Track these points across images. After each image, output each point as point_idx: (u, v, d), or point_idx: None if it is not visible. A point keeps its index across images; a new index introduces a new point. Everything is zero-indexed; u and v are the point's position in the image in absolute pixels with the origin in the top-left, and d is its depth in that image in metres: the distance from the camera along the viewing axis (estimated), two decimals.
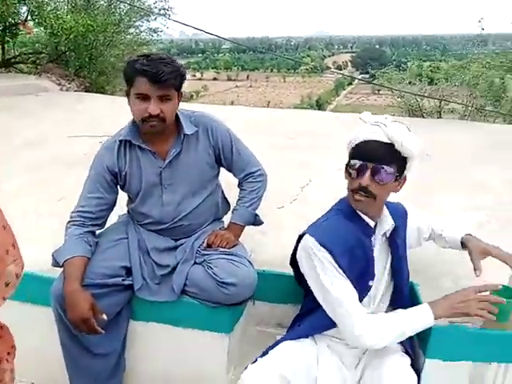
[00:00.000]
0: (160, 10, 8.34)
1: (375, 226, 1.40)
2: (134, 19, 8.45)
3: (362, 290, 1.37)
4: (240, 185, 1.83)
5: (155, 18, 8.38)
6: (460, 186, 2.81)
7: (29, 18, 7.12)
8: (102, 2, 8.17)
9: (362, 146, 1.29)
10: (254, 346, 1.77)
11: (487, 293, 1.37)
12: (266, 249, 2.07)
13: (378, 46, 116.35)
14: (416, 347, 1.60)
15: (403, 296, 1.47)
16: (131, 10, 8.16)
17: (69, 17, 6.92)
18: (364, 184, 1.26)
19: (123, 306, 1.67)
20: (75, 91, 6.77)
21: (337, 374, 1.41)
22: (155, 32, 8.93)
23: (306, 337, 1.44)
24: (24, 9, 7.07)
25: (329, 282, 1.30)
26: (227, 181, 1.94)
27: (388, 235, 1.42)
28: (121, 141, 1.62)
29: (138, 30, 9.00)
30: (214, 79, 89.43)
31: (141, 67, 1.47)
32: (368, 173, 1.26)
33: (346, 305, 1.29)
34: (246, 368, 1.33)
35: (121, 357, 1.71)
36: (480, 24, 6.97)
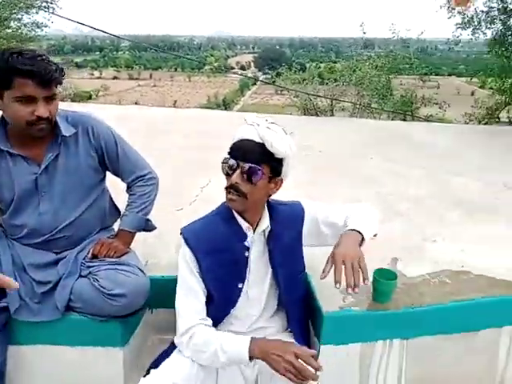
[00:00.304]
0: (42, 2, 7.63)
1: (254, 227, 1.38)
2: (14, 12, 7.64)
3: (232, 292, 1.38)
4: (129, 189, 1.73)
5: (37, 12, 7.65)
6: (347, 179, 3.02)
7: None
8: None
9: (236, 144, 1.28)
10: (155, 356, 1.71)
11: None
12: (165, 253, 2.01)
13: (278, 47, 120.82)
14: (312, 337, 1.68)
15: (293, 295, 1.47)
16: (8, 1, 7.35)
17: None
18: (233, 182, 1.26)
19: None
20: None
21: (237, 372, 1.41)
22: (38, 27, 8.15)
23: None
24: None
25: (182, 278, 1.34)
26: (116, 185, 1.83)
27: (266, 237, 1.40)
28: None
29: (20, 24, 8.16)
30: (115, 78, 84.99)
31: (23, 67, 1.31)
32: (238, 171, 1.26)
33: (182, 306, 1.33)
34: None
35: None
36: (362, 28, 7.61)
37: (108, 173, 1.70)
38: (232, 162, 1.27)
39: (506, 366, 1.83)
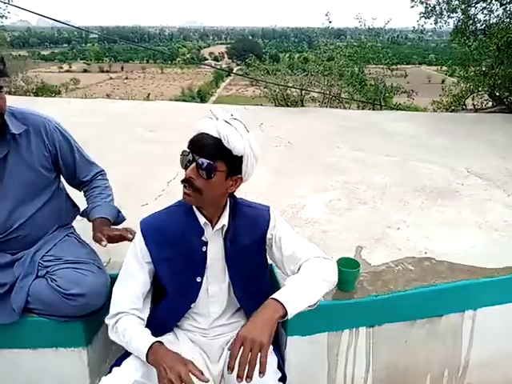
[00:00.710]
0: None
1: (213, 224, 1.36)
2: None
3: (190, 285, 1.37)
4: (90, 184, 1.69)
5: None
6: (315, 169, 3.04)
7: None
8: None
9: (195, 137, 1.24)
10: None
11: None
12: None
13: (251, 38, 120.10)
14: (279, 328, 1.68)
15: (251, 293, 1.42)
16: None
17: None
18: (187, 176, 1.23)
19: None
20: None
21: (203, 367, 1.40)
22: None
23: (163, 333, 1.40)
24: None
25: (126, 265, 1.36)
26: None
27: (223, 234, 1.37)
28: None
29: None
30: (85, 71, 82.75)
31: None
32: (194, 165, 1.22)
33: (118, 291, 1.34)
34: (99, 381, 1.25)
35: None
36: (327, 17, 7.62)
37: None
38: (188, 155, 1.23)
39: (469, 349, 1.89)
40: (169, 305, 1.39)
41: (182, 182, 1.26)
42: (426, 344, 1.83)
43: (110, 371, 1.29)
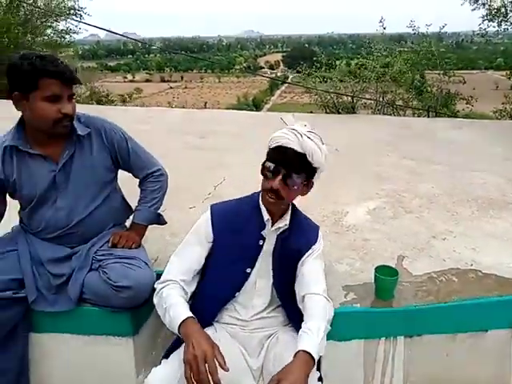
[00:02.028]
0: (70, 10, 7.90)
1: (274, 221, 1.45)
2: (43, 20, 7.97)
3: (238, 274, 1.45)
4: (141, 185, 1.84)
5: (65, 19, 7.94)
6: (361, 177, 3.01)
7: None
8: (2, 1, 7.58)
9: (277, 150, 1.35)
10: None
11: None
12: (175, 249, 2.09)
13: (306, 45, 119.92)
14: None
15: (290, 294, 1.49)
16: (36, 10, 7.66)
17: None
18: (275, 187, 1.34)
19: (18, 321, 1.61)
20: None
21: (241, 361, 1.47)
22: (67, 33, 8.45)
23: (204, 326, 1.48)
24: None
25: (186, 241, 1.49)
26: (128, 183, 1.93)
27: (279, 234, 1.46)
28: (5, 147, 1.56)
29: (51, 31, 8.50)
30: (147, 81, 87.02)
31: (50, 68, 1.42)
32: (280, 177, 1.33)
33: (173, 261, 1.46)
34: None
35: (21, 375, 1.64)
36: (381, 24, 7.44)
37: (120, 173, 1.80)
38: (273, 167, 1.34)
39: None
40: (214, 290, 1.47)
41: (265, 190, 1.37)
42: (469, 360, 1.77)
43: (160, 363, 1.39)
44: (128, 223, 1.89)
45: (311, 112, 6.26)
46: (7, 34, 6.79)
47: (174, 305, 1.33)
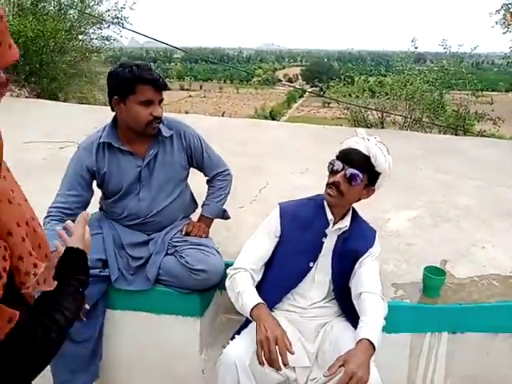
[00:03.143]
0: (113, 18, 8.34)
1: (335, 222, 1.62)
2: (87, 26, 8.40)
3: (301, 266, 1.62)
4: (209, 182, 2.03)
5: (108, 26, 8.36)
6: (397, 188, 3.15)
7: None
8: (51, 8, 8.05)
9: (345, 150, 1.54)
10: (222, 332, 1.97)
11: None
12: (230, 243, 2.27)
13: (326, 60, 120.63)
14: None
15: (344, 289, 1.63)
16: (82, 16, 8.10)
17: (16, 21, 6.76)
18: (336, 180, 1.51)
19: (100, 297, 1.79)
20: (26, 97, 6.63)
21: (299, 345, 1.62)
22: (107, 40, 8.89)
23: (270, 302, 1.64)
24: None
25: (258, 230, 1.66)
26: (196, 183, 2.12)
27: (339, 234, 1.61)
28: (99, 143, 1.76)
29: (89, 37, 8.92)
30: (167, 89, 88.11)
31: (145, 76, 1.62)
32: (342, 173, 1.50)
33: (245, 250, 1.63)
34: (223, 346, 1.53)
35: (97, 345, 1.82)
36: (413, 43, 7.63)
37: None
38: (339, 164, 1.52)
39: None
40: (278, 279, 1.63)
41: (329, 184, 1.54)
42: (509, 360, 1.88)
43: (232, 338, 1.57)
44: (193, 216, 2.08)
45: (340, 125, 6.43)
46: (54, 40, 7.21)
47: (246, 290, 1.51)
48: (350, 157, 1.51)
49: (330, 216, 1.60)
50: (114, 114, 1.77)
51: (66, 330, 0.79)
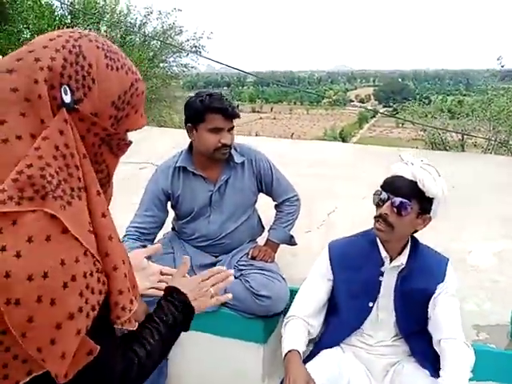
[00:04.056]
0: (192, 47, 8.90)
1: (392, 259, 1.49)
2: (168, 55, 9.05)
3: (362, 308, 1.51)
4: (278, 207, 2.03)
5: (187, 55, 8.93)
6: (483, 217, 2.90)
7: None
8: (137, 39, 8.79)
9: (389, 179, 1.42)
10: None
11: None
12: (296, 269, 2.22)
13: (400, 80, 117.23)
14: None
15: (413, 331, 1.50)
16: (164, 46, 8.72)
17: None
18: (383, 212, 1.38)
19: None
20: None
21: (366, 382, 1.52)
22: (186, 67, 9.49)
23: (333, 345, 1.57)
24: None
25: (311, 273, 1.60)
26: (263, 208, 2.12)
27: (398, 273, 1.48)
28: (175, 167, 1.84)
29: (169, 65, 9.59)
30: (239, 111, 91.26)
31: (214, 105, 1.69)
32: (389, 203, 1.37)
33: (298, 299, 1.58)
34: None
35: (163, 364, 1.86)
36: (499, 62, 7.12)
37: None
38: (383, 194, 1.41)
39: None
40: (340, 323, 1.56)
41: (376, 217, 1.43)
42: None
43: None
44: (259, 239, 2.08)
45: (416, 147, 6.13)
46: (138, 68, 7.78)
47: (286, 338, 1.48)
48: (394, 185, 1.38)
49: (383, 253, 1.47)
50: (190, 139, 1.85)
51: (150, 367, 0.81)
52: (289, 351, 1.42)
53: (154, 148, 4.58)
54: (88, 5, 8.37)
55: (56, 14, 8.75)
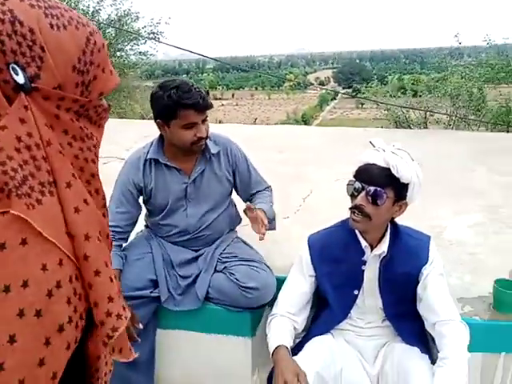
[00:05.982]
0: (149, 34, 8.58)
1: (373, 247, 1.47)
2: (124, 43, 8.69)
3: (347, 297, 1.51)
4: (252, 197, 1.93)
5: (145, 42, 8.61)
6: (452, 192, 2.96)
7: None
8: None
9: (362, 168, 1.37)
10: None
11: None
12: (278, 256, 2.18)
13: (358, 61, 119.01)
14: (430, 342, 1.71)
15: (400, 315, 1.51)
16: (120, 33, 8.36)
17: None
18: (358, 203, 1.34)
19: (150, 318, 1.75)
20: None
21: (359, 366, 1.52)
22: (144, 55, 9.16)
23: (324, 333, 1.55)
24: None
25: (291, 275, 1.58)
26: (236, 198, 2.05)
27: (380, 261, 1.47)
28: (146, 159, 1.73)
29: (126, 53, 9.22)
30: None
31: (185, 101, 1.56)
32: (363, 193, 1.33)
33: (281, 296, 1.57)
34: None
35: (150, 365, 1.78)
36: (457, 38, 7.31)
37: None
38: (357, 184, 1.36)
39: None
40: (329, 313, 1.55)
41: (351, 208, 1.38)
42: None
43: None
44: (238, 228, 2.02)
45: (381, 127, 6.22)
46: None
47: (272, 335, 1.46)
48: (368, 173, 1.34)
49: (363, 243, 1.45)
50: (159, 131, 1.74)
51: None
52: (276, 348, 1.39)
53: (117, 141, 4.39)
54: None
55: None
